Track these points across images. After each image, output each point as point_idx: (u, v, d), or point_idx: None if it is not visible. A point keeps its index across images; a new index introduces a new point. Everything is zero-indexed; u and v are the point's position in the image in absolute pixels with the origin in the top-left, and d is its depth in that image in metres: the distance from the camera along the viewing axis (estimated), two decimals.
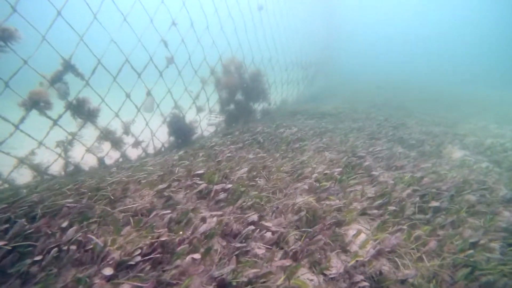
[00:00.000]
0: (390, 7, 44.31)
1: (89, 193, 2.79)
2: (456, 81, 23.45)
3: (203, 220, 2.51)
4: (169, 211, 2.60)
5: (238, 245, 2.23)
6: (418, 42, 40.85)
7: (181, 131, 6.14)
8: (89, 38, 4.31)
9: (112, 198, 2.75)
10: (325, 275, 2.12)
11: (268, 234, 2.39)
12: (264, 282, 1.91)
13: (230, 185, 3.17)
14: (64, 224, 2.26)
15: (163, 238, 2.14)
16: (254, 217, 2.63)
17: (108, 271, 1.81)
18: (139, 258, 1.95)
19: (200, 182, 3.20)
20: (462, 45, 38.21)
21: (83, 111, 4.54)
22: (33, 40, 3.67)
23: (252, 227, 2.46)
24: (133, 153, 5.59)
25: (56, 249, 1.94)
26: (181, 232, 2.30)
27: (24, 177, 4.35)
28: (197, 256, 2.02)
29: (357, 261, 2.19)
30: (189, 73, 5.99)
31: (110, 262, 1.91)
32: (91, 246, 2.02)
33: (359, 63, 28.90)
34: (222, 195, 3.00)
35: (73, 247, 2.00)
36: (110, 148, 5.11)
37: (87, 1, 3.90)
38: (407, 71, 27.54)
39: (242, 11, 6.56)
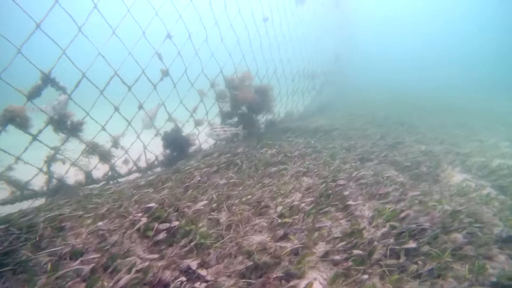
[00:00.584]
0: (405, 17, 43.41)
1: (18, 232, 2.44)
2: (473, 90, 22.39)
3: (131, 268, 2.15)
4: (98, 255, 2.25)
5: None
6: (433, 51, 39.76)
7: (176, 144, 5.82)
8: (78, 51, 4.06)
9: (37, 240, 2.39)
10: None
11: (202, 287, 2.03)
12: None
13: (176, 222, 2.78)
14: None
15: None
16: (193, 263, 2.26)
17: None
18: None
19: (143, 218, 2.81)
20: (478, 52, 36.96)
21: (65, 126, 4.27)
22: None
23: (183, 278, 2.10)
24: (124, 167, 5.31)
25: None
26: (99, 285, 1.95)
27: (4, 192, 4.13)
28: None
29: None
30: (186, 86, 5.68)
31: None
32: None
33: (373, 74, 28.19)
34: (162, 236, 2.62)
35: None
36: (98, 162, 4.84)
37: (74, 14, 3.61)
38: (420, 83, 26.64)
39: (246, 22, 6.21)
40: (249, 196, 3.55)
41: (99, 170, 4.93)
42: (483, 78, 27.54)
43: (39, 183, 4.31)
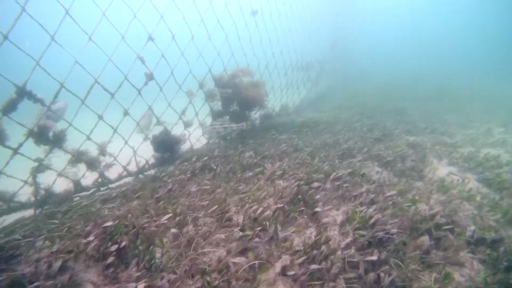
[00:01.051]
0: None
1: None
2: (470, 74, 21.88)
3: None
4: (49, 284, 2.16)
5: None
6: (430, 36, 38.77)
7: (165, 146, 5.71)
8: (57, 60, 3.87)
9: None
10: None
11: None
12: None
13: (126, 243, 2.63)
14: None
15: None
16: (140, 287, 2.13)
17: None
18: None
19: (96, 240, 2.67)
20: (476, 34, 36.05)
21: (47, 138, 4.13)
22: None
23: None
24: (114, 172, 5.21)
25: None
26: None
27: None
28: None
29: None
30: (174, 88, 5.50)
31: None
32: None
33: (371, 61, 27.51)
34: (111, 259, 2.47)
35: None
36: (86, 170, 4.75)
37: (44, 23, 3.38)
38: (418, 67, 26.03)
39: (233, 17, 5.94)
40: (216, 207, 3.37)
41: (89, 177, 4.86)
42: (484, 61, 27.03)
43: (27, 194, 4.25)
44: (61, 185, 4.58)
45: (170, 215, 3.18)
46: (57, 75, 3.82)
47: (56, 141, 4.16)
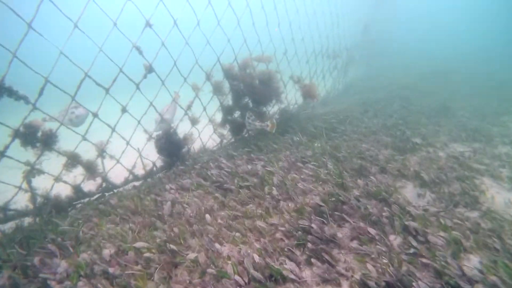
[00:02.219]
0: None
1: None
2: None
3: None
4: None
5: None
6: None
7: (171, 148, 5.30)
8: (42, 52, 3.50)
9: None
10: None
11: None
12: None
13: None
14: None
15: None
16: None
17: None
18: None
19: None
20: None
21: (35, 138, 3.83)
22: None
23: None
24: (120, 176, 4.92)
25: None
26: None
27: None
28: None
29: None
30: (178, 81, 5.01)
31: None
32: None
33: (415, 43, 24.87)
34: None
35: None
36: (86, 175, 4.46)
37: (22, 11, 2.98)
38: (475, 53, 22.67)
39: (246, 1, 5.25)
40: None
41: (93, 182, 4.60)
42: None
43: (23, 202, 4.05)
44: (65, 190, 4.36)
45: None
46: (43, 68, 3.47)
47: (46, 142, 3.86)
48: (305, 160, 4.80)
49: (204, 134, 5.82)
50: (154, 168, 5.26)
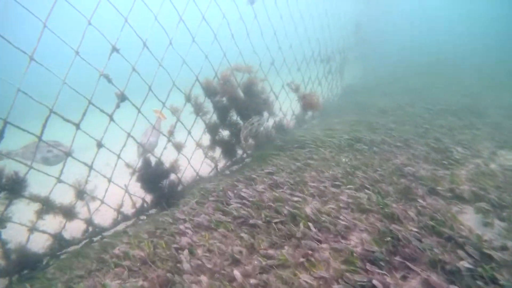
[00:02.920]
0: None
1: None
2: None
3: None
4: None
5: None
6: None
7: (155, 181, 4.92)
8: None
9: None
10: None
11: None
12: None
13: None
14: None
15: None
16: None
17: None
18: None
19: None
20: None
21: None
22: None
23: None
24: (107, 217, 4.58)
25: None
26: None
27: None
28: None
29: None
30: (158, 104, 4.71)
31: None
32: None
33: (411, 37, 24.26)
34: None
35: None
36: (65, 221, 4.10)
37: None
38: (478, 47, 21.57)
39: (224, 10, 4.99)
40: None
41: (76, 226, 4.24)
42: None
43: None
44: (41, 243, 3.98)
45: None
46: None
47: (13, 189, 3.53)
48: (338, 183, 4.21)
49: (195, 160, 5.46)
50: (145, 205, 4.90)
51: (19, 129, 3.27)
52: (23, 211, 3.70)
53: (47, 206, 3.86)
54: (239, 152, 6.17)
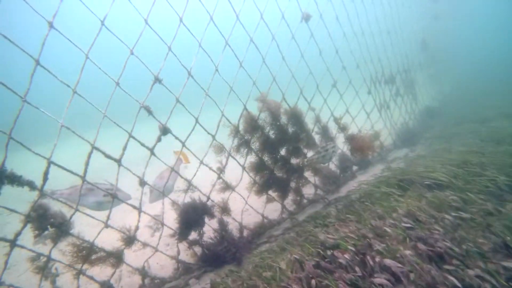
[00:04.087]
0: None
1: None
2: None
3: None
4: None
5: None
6: None
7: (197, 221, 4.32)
8: None
9: None
10: None
11: None
12: None
13: None
14: None
15: None
16: None
17: None
18: None
19: None
20: None
21: (44, 224, 3.36)
22: None
23: None
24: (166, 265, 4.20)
25: None
26: None
27: None
28: None
29: None
30: (199, 138, 4.33)
31: None
32: None
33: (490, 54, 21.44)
34: None
35: None
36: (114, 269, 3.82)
37: None
38: None
39: (275, 30, 4.60)
40: None
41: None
42: None
43: None
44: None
45: None
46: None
47: (60, 231, 3.36)
48: None
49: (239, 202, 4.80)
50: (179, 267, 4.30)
51: (63, 169, 3.13)
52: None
53: (92, 252, 3.60)
54: (309, 191, 5.39)
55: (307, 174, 5.55)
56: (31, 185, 3.14)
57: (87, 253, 3.59)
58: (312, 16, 4.93)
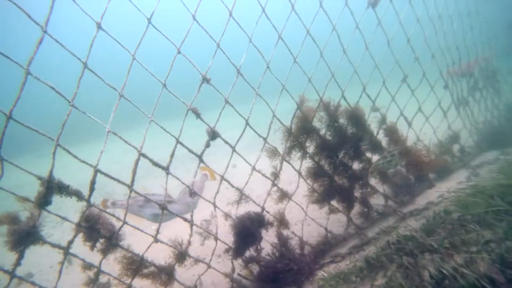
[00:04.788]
0: None
1: None
2: None
3: None
4: None
5: None
6: None
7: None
8: None
9: None
10: None
11: None
12: None
13: None
14: None
15: None
16: None
17: None
18: None
19: None
20: None
21: (98, 234, 3.29)
22: None
23: None
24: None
25: None
26: None
27: None
28: None
29: None
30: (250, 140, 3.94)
31: None
32: None
33: None
34: None
35: None
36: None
37: None
38: None
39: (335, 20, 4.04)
40: None
41: None
42: None
43: None
44: None
45: None
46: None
47: (111, 241, 3.25)
48: None
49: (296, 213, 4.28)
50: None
51: (109, 178, 2.99)
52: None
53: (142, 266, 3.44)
54: (378, 202, 4.72)
55: (374, 182, 4.84)
56: (78, 195, 3.05)
57: (137, 266, 3.42)
58: (380, 0, 4.21)
